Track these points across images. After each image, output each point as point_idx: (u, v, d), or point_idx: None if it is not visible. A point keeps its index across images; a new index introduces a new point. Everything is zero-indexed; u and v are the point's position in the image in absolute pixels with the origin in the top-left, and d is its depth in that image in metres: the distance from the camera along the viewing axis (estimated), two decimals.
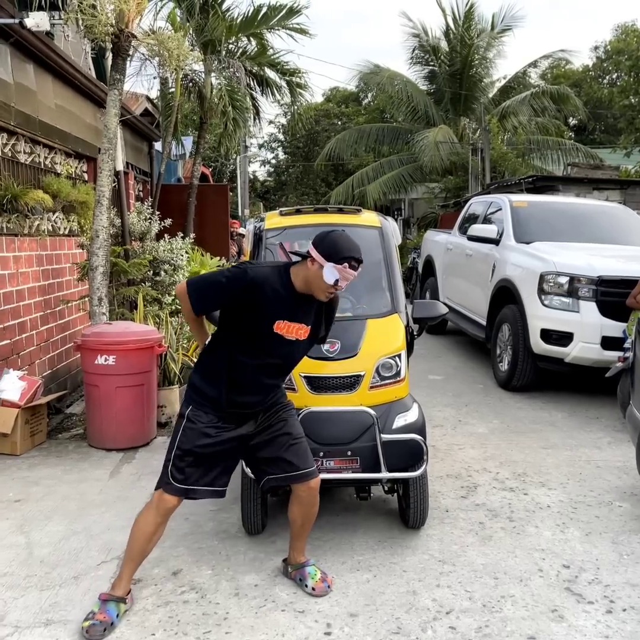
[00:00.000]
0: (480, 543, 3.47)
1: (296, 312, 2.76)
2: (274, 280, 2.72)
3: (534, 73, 23.94)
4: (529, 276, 6.31)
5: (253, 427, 2.88)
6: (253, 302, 2.68)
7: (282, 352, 2.81)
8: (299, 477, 2.91)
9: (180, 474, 2.77)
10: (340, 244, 2.71)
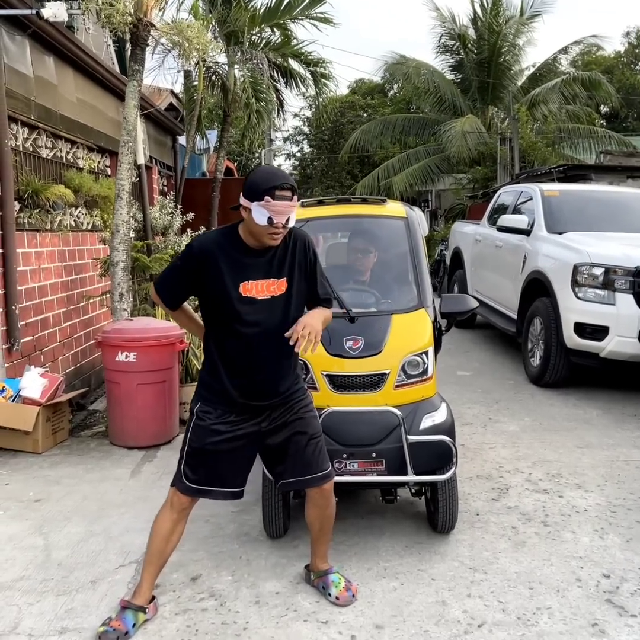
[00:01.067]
0: (513, 549, 3.30)
1: (258, 269, 2.54)
2: (223, 243, 2.54)
3: (565, 60, 23.40)
4: (562, 268, 6.08)
5: (267, 423, 2.68)
6: (210, 272, 2.51)
7: (264, 317, 2.56)
8: (313, 481, 2.75)
9: (192, 473, 2.64)
10: (257, 178, 2.45)
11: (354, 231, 4.00)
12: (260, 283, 2.54)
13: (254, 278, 2.53)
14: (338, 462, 3.12)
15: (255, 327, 2.56)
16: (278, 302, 2.58)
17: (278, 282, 2.57)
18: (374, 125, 22.90)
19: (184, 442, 2.70)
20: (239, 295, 2.51)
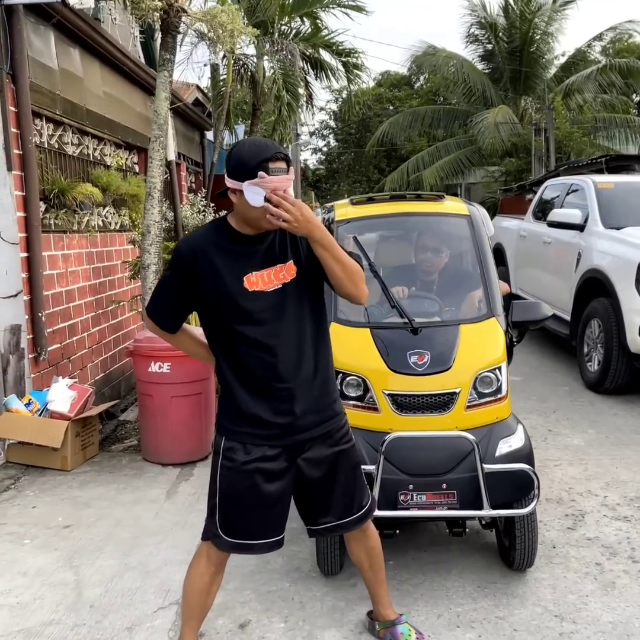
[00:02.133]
0: (602, 592, 2.90)
1: (259, 258, 2.15)
2: (214, 237, 2.18)
3: (599, 47, 22.60)
4: (624, 266, 5.63)
5: (305, 454, 2.24)
6: (206, 272, 2.12)
7: (280, 311, 2.14)
8: (352, 524, 2.37)
9: (230, 525, 2.24)
10: (245, 153, 2.04)
11: (410, 230, 3.62)
12: (266, 272, 2.14)
13: (258, 268, 2.14)
14: (404, 494, 2.76)
15: (271, 324, 2.14)
16: (292, 290, 2.16)
17: (286, 267, 2.16)
18: (402, 118, 22.39)
19: (212, 487, 2.27)
20: (244, 291, 2.12)
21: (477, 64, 21.61)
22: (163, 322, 2.30)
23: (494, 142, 18.15)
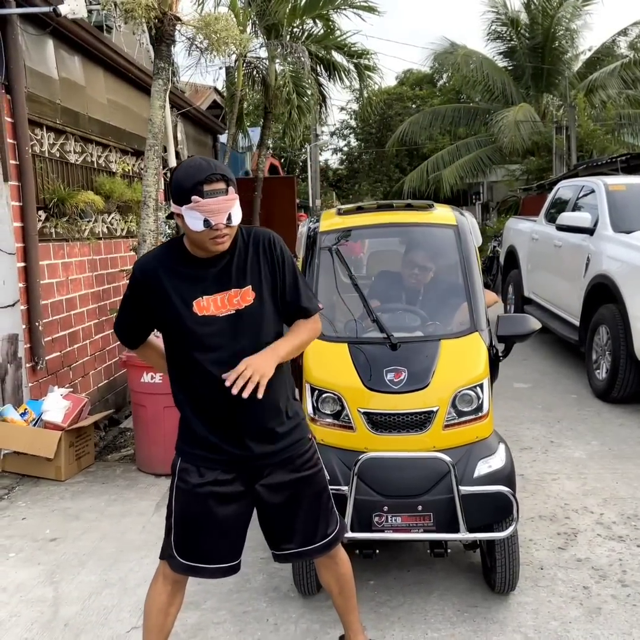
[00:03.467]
0: (586, 618, 2.80)
1: (212, 281, 2.08)
2: (166, 259, 2.12)
3: (624, 42, 22.14)
4: (632, 271, 5.47)
5: (262, 480, 2.18)
6: (157, 295, 2.09)
7: (232, 338, 2.07)
8: (316, 551, 2.29)
9: (184, 547, 2.18)
10: (180, 176, 1.99)
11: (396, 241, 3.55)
12: (220, 297, 2.07)
13: (209, 292, 2.07)
14: (378, 516, 2.70)
15: (224, 352, 2.06)
16: (247, 317, 2.09)
17: (241, 292, 2.09)
18: (423, 117, 22.23)
19: (168, 509, 2.23)
20: (194, 315, 2.06)
21: (498, 62, 21.35)
22: (124, 337, 2.34)
23: (514, 140, 17.90)
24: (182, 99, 8.96)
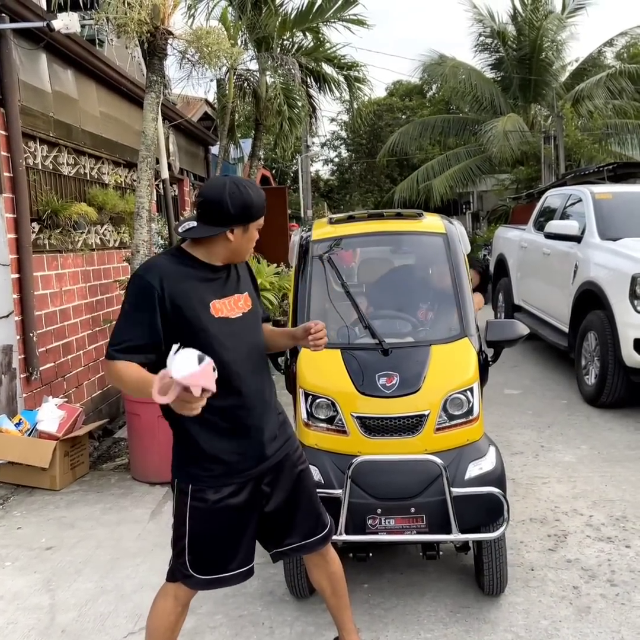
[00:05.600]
0: (576, 617, 2.85)
1: (222, 286, 2.23)
2: (177, 266, 2.16)
3: (610, 53, 22.47)
4: (619, 278, 5.57)
5: (268, 480, 2.27)
6: (176, 301, 2.09)
7: (243, 338, 2.21)
8: (319, 542, 2.38)
9: (201, 564, 2.20)
10: (255, 197, 2.18)
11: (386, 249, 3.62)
12: (228, 300, 2.23)
13: (221, 296, 2.21)
14: (372, 518, 2.75)
15: (239, 353, 2.19)
16: (250, 320, 2.29)
17: (243, 297, 2.29)
18: (413, 127, 22.42)
19: (180, 531, 2.21)
20: (211, 317, 2.15)
21: (486, 73, 21.59)
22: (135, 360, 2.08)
23: (503, 150, 18.09)
24: (174, 111, 9.04)
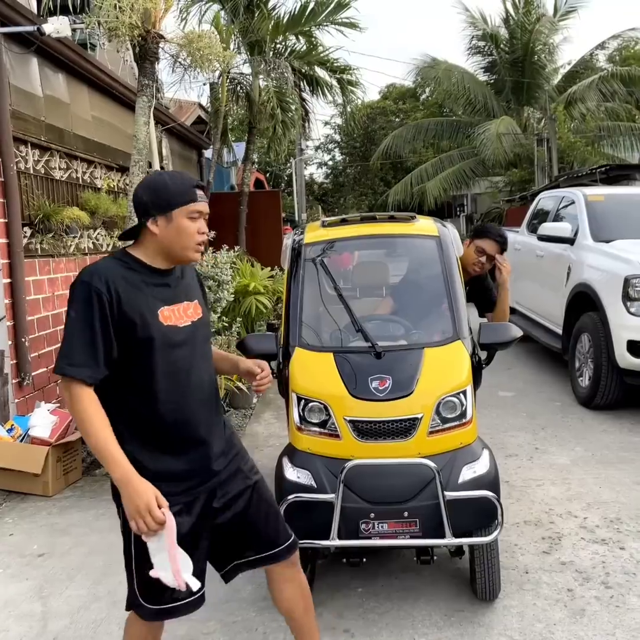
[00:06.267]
0: (570, 620, 2.85)
1: (170, 292, 2.08)
2: (122, 270, 2.00)
3: (602, 55, 22.57)
4: (612, 280, 5.57)
5: (219, 495, 2.14)
6: (123, 308, 1.94)
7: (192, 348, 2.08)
8: (282, 553, 2.23)
9: (149, 591, 2.03)
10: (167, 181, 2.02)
11: (379, 253, 3.62)
12: (176, 308, 2.08)
13: (169, 303, 2.06)
14: (365, 523, 2.73)
15: (185, 363, 2.07)
16: (199, 329, 2.15)
17: (192, 305, 2.14)
18: (406, 130, 22.49)
19: (127, 554, 2.07)
20: (160, 324, 2.01)
21: (479, 76, 21.69)
22: (91, 374, 1.91)
23: (496, 153, 18.14)
24: (166, 115, 9.04)
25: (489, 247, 3.74)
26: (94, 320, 1.92)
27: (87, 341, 1.92)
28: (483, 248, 3.74)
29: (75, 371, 1.91)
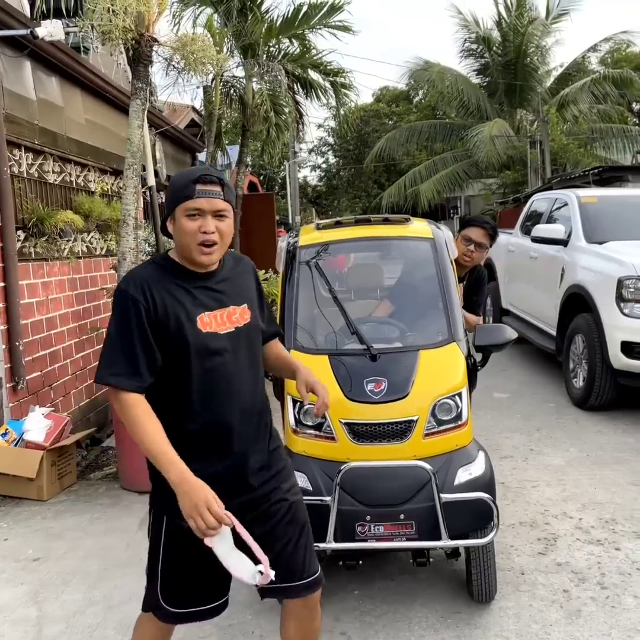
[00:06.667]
0: (566, 620, 2.86)
1: (210, 297, 1.99)
2: (160, 276, 1.96)
3: (594, 58, 22.71)
4: (605, 281, 5.60)
5: (250, 509, 2.02)
6: (159, 316, 1.90)
7: (233, 356, 1.99)
8: (298, 590, 2.07)
9: (173, 595, 2.02)
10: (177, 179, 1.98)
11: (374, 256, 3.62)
12: (219, 313, 1.99)
13: (210, 309, 1.97)
14: (361, 525, 2.73)
15: (226, 371, 1.97)
16: (244, 335, 2.03)
17: (239, 310, 2.03)
18: (399, 133, 22.55)
19: (153, 556, 2.04)
20: (198, 332, 1.93)
21: (472, 78, 21.76)
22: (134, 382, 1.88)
23: (490, 155, 18.21)
24: (160, 118, 9.03)
25: (474, 234, 3.80)
26: (132, 329, 1.88)
27: (127, 350, 1.88)
28: (469, 236, 3.79)
29: (118, 380, 1.88)
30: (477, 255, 3.82)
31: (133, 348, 1.88)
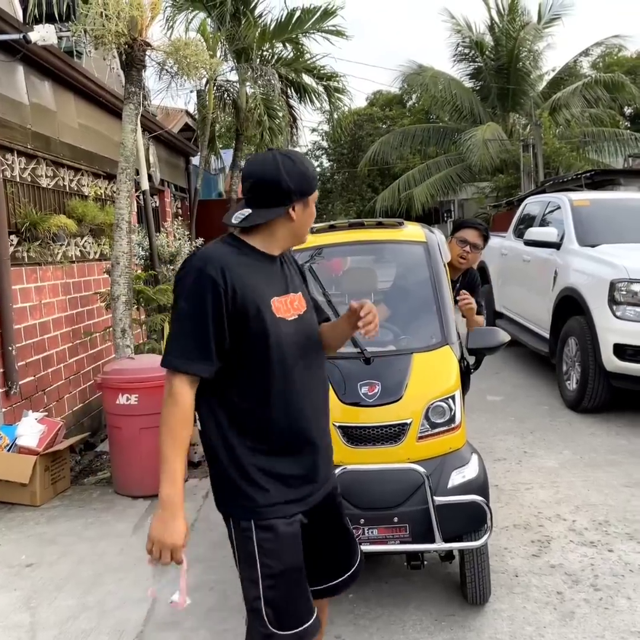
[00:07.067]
0: (560, 622, 2.86)
1: (281, 281, 1.95)
2: (236, 257, 1.86)
3: (586, 62, 22.83)
4: (597, 284, 5.62)
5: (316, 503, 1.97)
6: (237, 297, 1.80)
7: (301, 344, 1.92)
8: (346, 583, 2.13)
9: (280, 616, 1.85)
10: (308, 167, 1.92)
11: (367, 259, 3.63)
12: (284, 299, 1.92)
13: (279, 293, 1.91)
14: (355, 529, 2.72)
15: (297, 359, 1.90)
16: (306, 322, 1.98)
17: (297, 297, 1.98)
18: (393, 137, 22.60)
19: (250, 576, 1.87)
20: (273, 316, 1.85)
21: (465, 82, 21.83)
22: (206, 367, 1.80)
23: (483, 159, 18.27)
24: (153, 122, 9.03)
25: (469, 236, 3.81)
26: (207, 312, 1.78)
27: (201, 335, 1.78)
28: (464, 237, 3.80)
29: (187, 365, 1.78)
30: (472, 257, 3.83)
31: (207, 334, 1.78)
